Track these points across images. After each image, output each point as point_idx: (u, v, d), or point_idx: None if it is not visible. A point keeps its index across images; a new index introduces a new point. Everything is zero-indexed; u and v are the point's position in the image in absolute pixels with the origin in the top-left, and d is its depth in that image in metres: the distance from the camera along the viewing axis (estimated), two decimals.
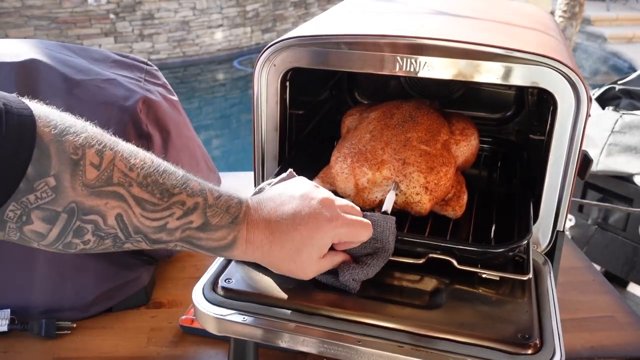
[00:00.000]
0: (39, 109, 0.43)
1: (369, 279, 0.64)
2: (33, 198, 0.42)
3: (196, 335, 0.82)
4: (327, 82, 1.08)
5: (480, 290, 0.65)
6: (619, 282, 2.16)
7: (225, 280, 0.64)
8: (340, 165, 0.77)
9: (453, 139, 0.83)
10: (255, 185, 0.83)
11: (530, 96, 1.08)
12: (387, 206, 0.70)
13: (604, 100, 2.14)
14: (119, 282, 0.87)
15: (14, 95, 0.42)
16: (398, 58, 0.70)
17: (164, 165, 0.50)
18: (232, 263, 0.68)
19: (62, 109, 0.75)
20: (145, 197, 0.48)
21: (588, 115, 0.67)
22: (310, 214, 0.57)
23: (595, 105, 2.09)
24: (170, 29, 6.59)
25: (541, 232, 0.74)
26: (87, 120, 0.80)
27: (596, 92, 2.19)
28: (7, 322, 0.81)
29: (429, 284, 0.66)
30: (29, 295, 0.82)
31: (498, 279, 0.65)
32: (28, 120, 0.41)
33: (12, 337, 0.82)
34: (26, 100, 0.43)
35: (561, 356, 0.56)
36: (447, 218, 0.77)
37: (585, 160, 0.72)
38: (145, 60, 0.94)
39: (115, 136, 0.49)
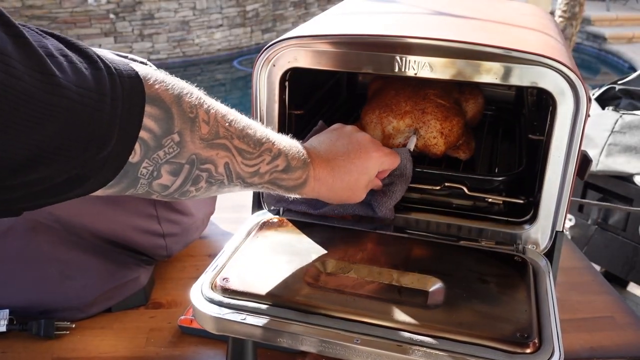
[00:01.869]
0: (143, 69, 0.47)
1: (370, 277, 0.65)
2: (162, 154, 0.48)
3: (195, 335, 0.82)
4: (327, 82, 1.08)
5: (479, 290, 0.65)
6: (619, 282, 2.16)
7: (223, 280, 0.64)
8: (369, 116, 0.90)
9: (463, 97, 0.98)
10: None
11: (529, 96, 1.08)
12: (410, 146, 0.84)
13: (604, 100, 2.14)
14: (118, 282, 0.87)
15: (119, 58, 0.46)
16: (397, 58, 0.70)
17: (247, 119, 0.58)
18: (230, 262, 0.68)
19: None
20: (244, 147, 0.56)
21: (587, 115, 0.67)
22: (361, 149, 0.69)
23: (595, 105, 2.09)
24: (170, 29, 6.59)
25: (541, 232, 0.74)
26: None
27: (596, 92, 2.19)
28: (6, 322, 0.81)
29: (428, 283, 0.66)
30: (28, 295, 0.82)
31: (501, 202, 0.80)
32: (137, 82, 0.45)
33: (11, 337, 0.82)
34: (130, 62, 0.47)
35: (560, 355, 0.56)
36: (458, 161, 0.92)
37: (585, 161, 0.72)
38: (145, 60, 0.94)
39: None
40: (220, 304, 0.62)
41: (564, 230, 0.74)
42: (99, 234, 0.83)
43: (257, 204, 0.84)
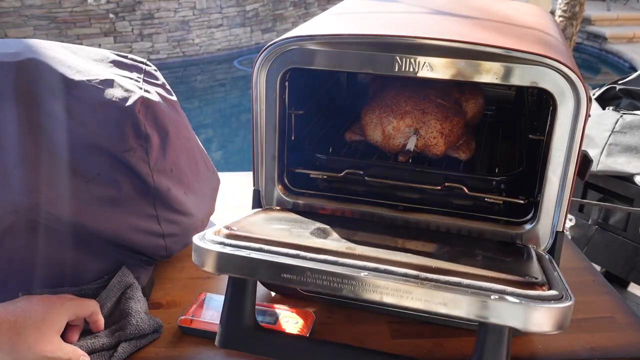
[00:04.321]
0: None
1: (376, 242, 0.66)
2: None
3: (195, 335, 0.82)
4: (327, 82, 1.08)
5: (485, 254, 0.65)
6: (619, 282, 2.16)
7: (226, 228, 0.64)
8: (369, 116, 0.90)
9: (463, 97, 0.98)
10: (254, 185, 0.83)
11: (530, 96, 1.08)
12: (410, 145, 0.85)
13: (604, 100, 2.14)
14: None
15: None
16: (397, 58, 0.70)
17: None
18: (234, 223, 0.68)
19: (61, 109, 0.74)
20: None
21: (588, 115, 0.67)
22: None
23: (595, 105, 2.09)
24: (170, 29, 6.59)
25: (541, 232, 0.74)
26: (86, 121, 0.80)
27: (596, 92, 2.19)
28: None
29: (434, 247, 0.66)
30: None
31: (501, 202, 0.81)
32: None
33: None
34: None
35: (572, 300, 0.54)
36: (458, 161, 0.91)
37: (585, 161, 0.72)
38: (144, 60, 0.94)
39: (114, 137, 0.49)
40: (223, 244, 0.61)
41: (565, 231, 0.74)
42: (98, 234, 0.83)
43: (257, 204, 0.84)
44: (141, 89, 0.85)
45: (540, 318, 0.52)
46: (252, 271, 0.59)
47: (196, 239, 0.62)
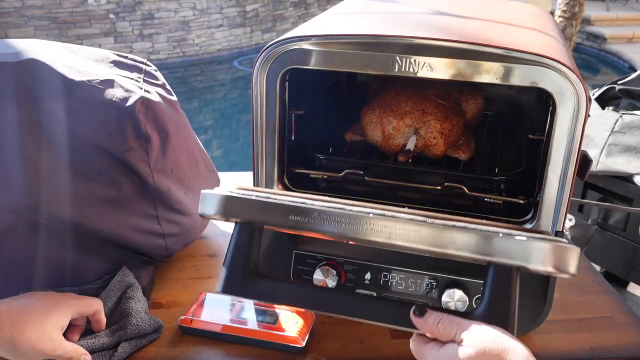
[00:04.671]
0: None
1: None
2: None
3: (195, 335, 0.82)
4: (327, 82, 1.08)
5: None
6: (619, 282, 2.16)
7: (234, 186, 0.64)
8: (369, 116, 0.91)
9: (463, 97, 0.99)
10: (254, 185, 0.83)
11: (529, 96, 1.08)
12: (410, 145, 0.85)
13: (604, 100, 2.14)
14: None
15: None
16: (397, 58, 0.70)
17: None
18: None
19: (61, 109, 0.74)
20: None
21: (587, 115, 0.67)
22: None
23: (595, 105, 2.09)
24: (170, 29, 6.59)
25: None
26: (86, 121, 0.80)
27: (596, 92, 2.19)
28: None
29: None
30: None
31: (501, 202, 0.82)
32: None
33: None
34: None
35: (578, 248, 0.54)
36: (458, 161, 0.92)
37: (585, 161, 0.72)
38: (145, 60, 0.94)
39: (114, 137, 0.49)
40: (231, 192, 0.60)
41: (564, 231, 0.74)
42: (99, 234, 0.83)
43: None
44: (141, 89, 0.85)
45: (547, 255, 0.51)
46: (259, 213, 0.59)
47: (204, 192, 0.61)
